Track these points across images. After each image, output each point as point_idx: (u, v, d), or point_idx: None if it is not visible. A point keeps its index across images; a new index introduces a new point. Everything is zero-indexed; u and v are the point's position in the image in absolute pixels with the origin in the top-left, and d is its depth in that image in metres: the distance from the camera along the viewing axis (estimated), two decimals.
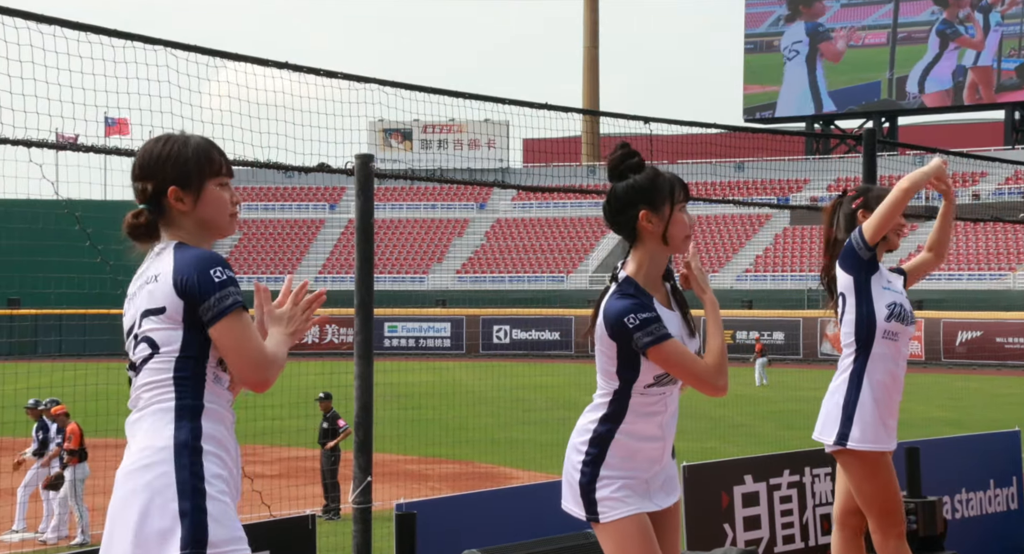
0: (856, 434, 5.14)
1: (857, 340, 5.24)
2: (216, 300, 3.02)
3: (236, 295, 3.06)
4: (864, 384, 5.18)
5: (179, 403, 3.04)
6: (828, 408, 5.28)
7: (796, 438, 19.94)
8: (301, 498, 14.17)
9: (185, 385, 3.05)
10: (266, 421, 17.30)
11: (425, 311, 51.99)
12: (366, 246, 5.76)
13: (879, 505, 5.19)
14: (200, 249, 3.12)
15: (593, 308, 4.02)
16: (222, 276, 3.04)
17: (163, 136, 3.25)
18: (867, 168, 8.12)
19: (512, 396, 27.44)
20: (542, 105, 7.58)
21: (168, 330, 3.05)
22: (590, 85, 73.06)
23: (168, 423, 3.02)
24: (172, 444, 2.99)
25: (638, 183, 3.92)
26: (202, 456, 3.01)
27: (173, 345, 3.05)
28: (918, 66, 62.92)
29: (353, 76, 6.38)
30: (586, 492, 3.95)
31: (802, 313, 47.80)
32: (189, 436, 3.01)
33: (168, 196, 3.18)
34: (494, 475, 17.18)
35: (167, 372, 3.05)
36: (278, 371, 3.11)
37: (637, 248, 3.98)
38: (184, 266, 3.06)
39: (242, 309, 3.05)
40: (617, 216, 3.96)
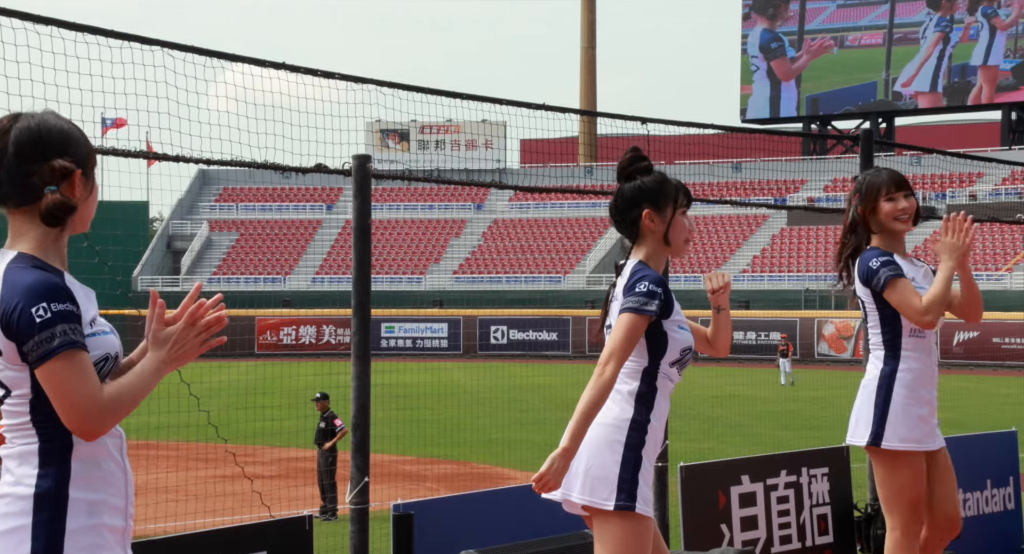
0: (890, 434, 5.10)
1: (884, 341, 5.18)
2: (35, 344, 2.65)
3: (62, 335, 2.65)
4: (896, 384, 5.13)
5: (43, 445, 2.73)
6: (860, 411, 5.22)
7: (793, 438, 19.95)
8: (298, 499, 14.16)
9: (47, 426, 2.73)
10: (263, 422, 17.31)
11: (422, 312, 51.98)
12: (363, 247, 5.76)
13: (901, 503, 5.14)
14: (31, 274, 2.71)
15: (604, 301, 4.17)
16: (45, 314, 2.65)
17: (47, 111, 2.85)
18: (864, 169, 8.12)
19: (509, 396, 27.44)
20: (539, 106, 7.58)
21: (12, 372, 2.73)
22: (587, 86, 73.07)
23: (33, 468, 2.72)
24: (33, 494, 2.70)
25: (645, 185, 4.19)
26: (67, 508, 2.71)
27: (23, 388, 2.73)
28: (914, 67, 62.95)
29: (350, 76, 6.38)
30: (626, 481, 3.97)
31: (799, 313, 47.81)
32: (54, 484, 2.71)
33: (75, 178, 2.80)
34: (491, 476, 17.18)
35: (24, 415, 2.74)
36: (115, 418, 2.72)
37: (639, 247, 4.20)
38: (9, 300, 2.68)
39: (70, 350, 2.65)
40: (622, 215, 4.21)
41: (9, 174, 2.78)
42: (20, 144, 2.77)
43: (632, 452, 4.00)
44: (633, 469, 3.98)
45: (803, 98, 65.43)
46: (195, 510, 12.43)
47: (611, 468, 3.99)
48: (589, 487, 4.01)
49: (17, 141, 2.77)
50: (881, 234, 5.23)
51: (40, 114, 2.83)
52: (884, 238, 5.22)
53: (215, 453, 15.81)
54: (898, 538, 5.20)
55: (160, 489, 13.26)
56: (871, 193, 5.21)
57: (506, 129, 58.08)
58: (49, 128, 2.80)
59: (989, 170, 54.92)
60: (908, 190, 5.23)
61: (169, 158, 5.80)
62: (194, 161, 5.94)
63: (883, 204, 5.19)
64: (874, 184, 5.22)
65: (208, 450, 15.73)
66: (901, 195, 5.19)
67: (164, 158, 5.80)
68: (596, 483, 4.00)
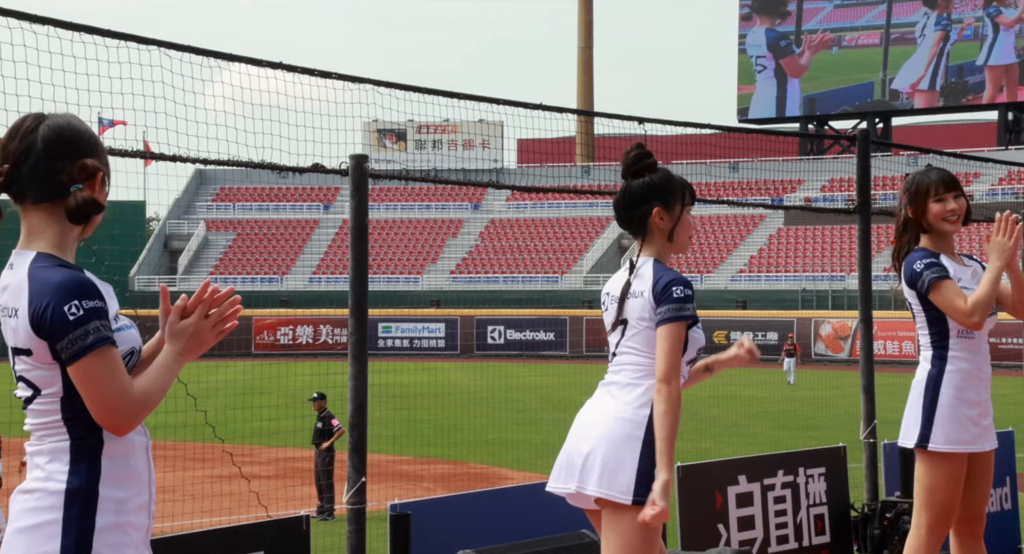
0: (937, 435, 5.07)
1: (932, 342, 5.15)
2: (69, 341, 2.69)
3: (95, 332, 2.69)
4: (943, 385, 5.09)
5: (75, 442, 2.77)
6: (910, 412, 5.19)
7: (790, 438, 19.96)
8: (295, 499, 14.15)
9: (77, 424, 2.77)
10: (260, 422, 17.30)
11: (419, 312, 51.97)
12: (360, 247, 5.76)
13: (933, 504, 5.11)
14: (58, 272, 2.74)
15: (620, 297, 4.17)
16: (78, 312, 2.68)
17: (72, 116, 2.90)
18: (861, 169, 8.13)
19: (506, 397, 27.43)
20: (536, 105, 7.58)
21: (43, 371, 2.76)
22: (584, 86, 73.07)
23: (64, 465, 2.76)
24: (64, 489, 2.74)
25: (654, 181, 4.21)
26: (96, 505, 2.75)
27: (54, 387, 2.77)
28: (911, 66, 62.98)
29: (347, 76, 6.38)
30: (644, 476, 4.01)
31: (796, 313, 47.83)
32: (85, 481, 2.75)
33: (95, 182, 2.84)
34: (488, 476, 17.18)
35: (55, 414, 2.77)
36: (145, 412, 2.77)
37: (648, 244, 4.24)
38: (39, 299, 2.71)
39: (104, 347, 2.70)
40: (630, 211, 4.24)
41: (35, 169, 2.80)
42: (50, 140, 2.81)
43: (650, 448, 4.03)
44: (650, 464, 4.01)
45: (801, 98, 65.48)
46: (192, 510, 12.42)
47: (629, 463, 4.02)
48: (607, 481, 4.03)
49: (48, 138, 2.82)
50: (931, 234, 5.18)
51: (68, 116, 2.89)
52: (933, 238, 5.18)
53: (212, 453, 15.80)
54: (922, 537, 5.17)
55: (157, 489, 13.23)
56: (920, 194, 5.17)
57: (503, 129, 58.06)
58: (79, 129, 2.86)
59: (986, 170, 54.96)
60: (958, 191, 5.20)
61: (166, 158, 5.80)
62: (191, 161, 5.94)
63: (932, 205, 5.16)
64: (923, 185, 5.18)
65: (205, 450, 15.71)
66: (951, 196, 5.16)
67: (161, 158, 5.80)
68: (614, 477, 4.02)
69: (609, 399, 4.15)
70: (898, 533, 7.15)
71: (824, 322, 47.01)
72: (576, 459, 4.11)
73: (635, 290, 4.17)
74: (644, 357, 4.15)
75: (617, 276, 4.32)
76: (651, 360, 4.12)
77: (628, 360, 4.17)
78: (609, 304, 4.27)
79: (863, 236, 8.03)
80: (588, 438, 4.10)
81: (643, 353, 4.16)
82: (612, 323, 4.24)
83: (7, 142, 2.84)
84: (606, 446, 4.04)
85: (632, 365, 4.16)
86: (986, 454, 5.27)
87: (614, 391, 4.15)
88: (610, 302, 4.27)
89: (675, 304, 4.06)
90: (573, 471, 4.11)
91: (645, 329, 4.14)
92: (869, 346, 7.88)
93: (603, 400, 4.18)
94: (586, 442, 4.09)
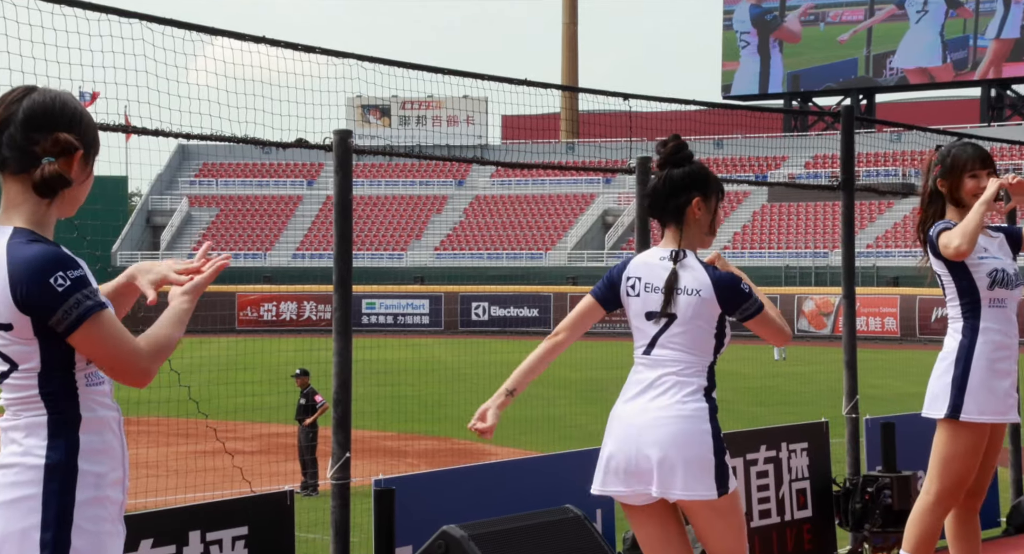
0: (970, 405, 5.04)
1: (963, 313, 5.11)
2: (64, 313, 2.70)
3: (86, 298, 2.71)
4: (975, 355, 5.06)
5: (52, 417, 2.78)
6: (937, 384, 5.16)
7: (771, 414, 20.03)
8: (279, 474, 14.16)
9: (55, 400, 2.78)
10: (244, 397, 17.29)
11: (403, 288, 51.92)
12: (344, 223, 5.74)
13: (948, 472, 5.10)
14: (34, 247, 2.74)
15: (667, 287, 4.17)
16: (65, 282, 2.70)
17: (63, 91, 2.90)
18: (845, 145, 8.14)
19: (490, 373, 27.42)
20: (521, 81, 7.55)
21: (21, 345, 2.76)
22: (569, 62, 72.89)
23: (42, 439, 2.76)
24: (44, 464, 2.74)
25: (695, 171, 4.26)
26: (76, 479, 2.76)
27: (31, 361, 2.77)
28: (895, 42, 62.97)
29: (331, 51, 6.34)
30: (723, 468, 4.15)
31: (780, 290, 47.95)
32: (64, 455, 2.76)
33: (75, 158, 2.84)
34: (472, 451, 17.22)
35: (32, 388, 2.78)
36: (162, 359, 2.84)
37: (687, 235, 4.27)
38: (19, 275, 2.71)
39: (98, 312, 2.72)
40: (670, 199, 4.24)
41: (12, 138, 2.81)
42: (32, 111, 2.82)
43: (718, 439, 4.18)
44: (723, 453, 4.17)
45: (785, 74, 65.46)
46: (175, 485, 12.42)
47: (707, 459, 4.12)
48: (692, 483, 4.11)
49: (30, 108, 2.83)
50: (960, 209, 5.14)
51: (59, 91, 2.90)
52: (962, 212, 5.13)
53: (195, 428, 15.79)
54: (929, 503, 5.16)
55: (140, 464, 13.24)
56: (956, 168, 5.14)
57: (488, 105, 57.92)
58: (64, 104, 2.85)
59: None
60: (992, 168, 5.17)
61: (148, 132, 5.76)
62: (173, 135, 5.90)
63: (967, 181, 5.13)
64: (960, 159, 5.14)
65: (188, 425, 15.69)
66: (985, 173, 5.14)
67: (143, 132, 5.76)
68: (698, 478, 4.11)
69: (661, 399, 4.17)
70: (879, 507, 7.20)
71: (807, 299, 47.16)
72: (645, 463, 4.13)
73: (687, 286, 4.17)
74: (692, 355, 4.20)
75: (650, 262, 4.27)
76: (699, 358, 4.19)
77: (674, 357, 4.20)
78: (645, 292, 4.23)
79: (847, 213, 8.05)
80: (656, 442, 4.12)
81: (691, 352, 4.20)
82: (651, 314, 4.22)
83: None
84: (680, 449, 4.11)
85: (678, 363, 4.20)
86: (1001, 428, 5.28)
87: (663, 390, 4.18)
88: (648, 291, 4.22)
89: (750, 295, 4.19)
90: (646, 476, 4.14)
91: (694, 328, 4.17)
92: (852, 322, 7.91)
93: (653, 399, 4.18)
94: (655, 447, 4.12)
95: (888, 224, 54.73)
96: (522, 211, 61.64)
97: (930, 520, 5.18)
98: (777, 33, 65.48)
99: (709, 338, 4.21)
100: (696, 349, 4.20)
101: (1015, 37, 60.47)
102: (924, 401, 5.25)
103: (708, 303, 4.16)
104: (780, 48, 65.57)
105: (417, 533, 5.50)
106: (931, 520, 5.18)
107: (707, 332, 4.20)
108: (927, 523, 5.18)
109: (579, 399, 22.85)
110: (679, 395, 4.16)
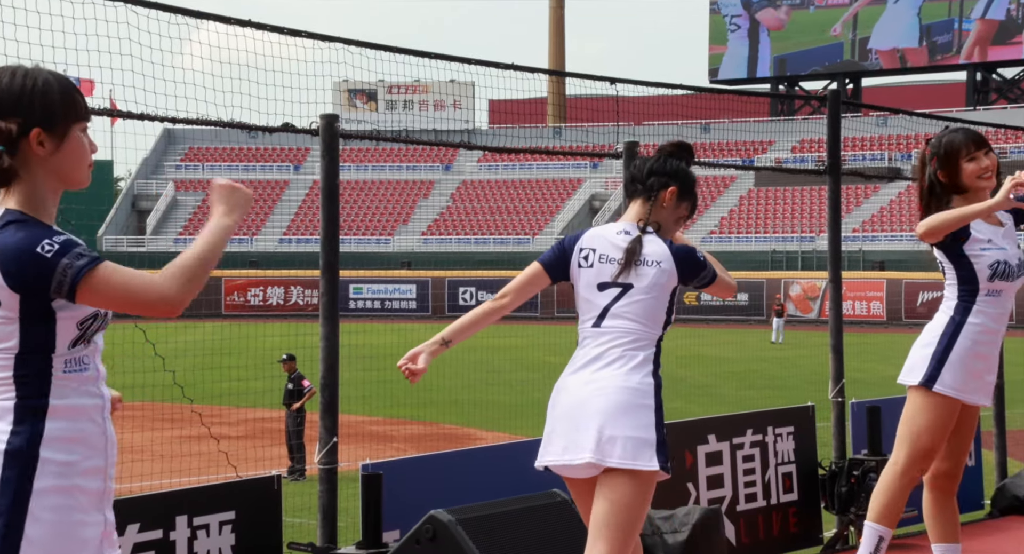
0: (946, 377, 5.07)
1: (959, 296, 5.13)
2: (60, 274, 2.66)
3: (78, 258, 2.67)
4: (961, 334, 5.09)
5: (20, 403, 2.74)
6: (918, 353, 5.19)
7: (758, 398, 20.10)
8: (266, 459, 14.16)
9: (27, 383, 2.75)
10: (230, 382, 17.27)
11: (390, 273, 51.89)
12: (331, 207, 5.73)
13: (915, 444, 5.13)
14: (20, 234, 2.71)
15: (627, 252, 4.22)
16: (52, 248, 2.66)
17: (14, 68, 2.82)
18: (831, 129, 8.14)
19: (476, 357, 27.47)
20: (508, 65, 7.53)
21: (2, 325, 2.73)
22: (556, 46, 72.76)
23: (7, 425, 2.73)
24: (3, 450, 2.71)
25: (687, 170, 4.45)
26: (36, 466, 2.71)
27: (10, 341, 2.74)
28: (882, 26, 62.99)
29: (317, 35, 6.32)
30: (664, 443, 4.16)
31: (766, 274, 48.06)
32: (25, 443, 2.72)
33: (30, 138, 2.77)
34: (458, 436, 17.24)
35: (6, 369, 2.75)
36: (191, 284, 2.76)
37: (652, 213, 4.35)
38: (8, 253, 2.68)
39: (97, 264, 2.68)
40: (651, 175, 4.36)
41: None
42: None
43: (660, 414, 4.16)
44: (663, 429, 4.16)
45: (772, 58, 65.46)
46: (161, 470, 12.40)
47: (647, 431, 4.10)
48: (631, 452, 4.08)
49: None
50: (965, 195, 5.12)
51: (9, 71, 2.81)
52: (969, 198, 5.11)
53: (181, 413, 15.76)
54: (896, 473, 5.19)
55: (125, 449, 13.19)
56: (952, 155, 5.11)
57: (475, 89, 57.80)
58: (5, 87, 2.78)
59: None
60: (988, 147, 5.16)
61: (133, 116, 5.73)
62: (159, 119, 5.87)
63: (965, 165, 5.10)
64: (954, 145, 5.12)
65: (174, 410, 15.68)
66: (982, 153, 5.12)
67: (128, 116, 5.73)
68: (638, 449, 4.09)
69: (606, 370, 4.15)
70: (865, 490, 7.23)
71: (793, 283, 47.27)
72: (585, 432, 4.10)
73: (648, 257, 4.20)
74: (642, 326, 4.18)
75: (606, 235, 4.29)
76: (650, 330, 4.18)
77: (625, 327, 4.17)
78: (599, 264, 4.23)
79: (833, 197, 8.05)
80: (597, 411, 4.10)
81: (642, 322, 4.18)
82: (604, 284, 4.22)
83: None
84: (621, 418, 4.08)
85: (629, 333, 4.17)
86: (975, 410, 5.31)
87: (609, 361, 4.16)
88: (603, 262, 4.23)
89: (706, 265, 4.31)
90: (584, 444, 4.10)
91: (651, 299, 4.19)
92: (838, 306, 7.93)
93: (598, 370, 4.16)
94: (596, 416, 4.09)
95: (874, 208, 54.85)
96: (509, 196, 61.60)
97: (895, 490, 5.22)
98: (764, 17, 65.43)
99: (662, 311, 4.22)
100: (648, 320, 4.19)
101: (1000, 19, 60.54)
102: (902, 369, 5.28)
103: (668, 273, 4.20)
104: (768, 32, 65.57)
105: (404, 518, 5.51)
106: (896, 490, 5.22)
107: (661, 304, 4.21)
108: (892, 493, 5.22)
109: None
110: (626, 367, 4.14)
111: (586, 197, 60.08)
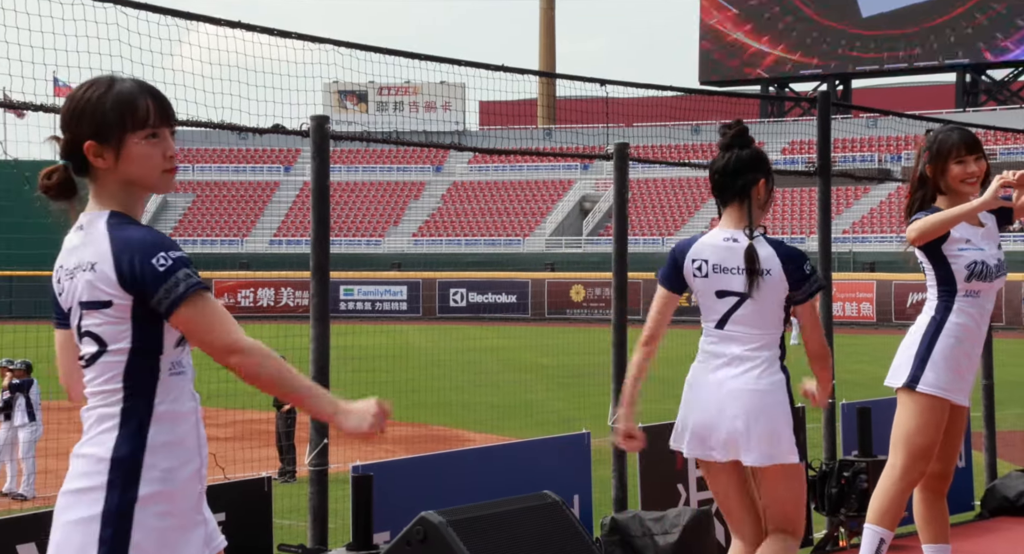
0: (929, 377, 5.09)
1: (939, 295, 5.14)
2: (165, 292, 2.72)
3: (186, 279, 2.74)
4: (943, 333, 5.11)
5: (127, 406, 2.80)
6: (902, 355, 5.22)
7: None
8: (255, 461, 14.15)
9: (136, 385, 2.81)
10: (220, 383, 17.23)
11: (381, 274, 51.84)
12: (322, 208, 5.73)
13: (910, 446, 5.13)
14: (137, 229, 2.79)
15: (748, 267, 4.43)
16: (167, 262, 2.73)
17: (90, 80, 2.91)
18: (821, 131, 8.15)
19: (466, 359, 27.47)
20: (498, 67, 7.55)
21: (115, 325, 2.79)
22: (546, 48, 72.79)
23: (112, 431, 2.79)
24: (110, 457, 2.77)
25: (760, 154, 4.54)
26: (140, 472, 2.77)
27: (122, 342, 2.79)
28: None
29: (307, 36, 6.31)
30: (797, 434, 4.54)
31: None
32: (131, 448, 2.78)
33: (86, 152, 2.84)
34: (448, 437, 17.24)
35: (117, 370, 2.80)
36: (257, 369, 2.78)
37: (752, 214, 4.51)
38: (123, 254, 2.75)
39: (199, 291, 2.74)
40: (737, 177, 4.48)
41: None
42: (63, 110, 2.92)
43: (793, 408, 4.48)
44: (796, 423, 4.50)
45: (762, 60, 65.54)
46: None
47: (784, 428, 4.47)
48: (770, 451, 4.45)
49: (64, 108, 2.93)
50: (948, 195, 5.11)
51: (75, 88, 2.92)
52: (951, 199, 5.10)
53: None
54: (893, 477, 5.19)
55: None
56: (942, 154, 5.11)
57: (465, 91, 57.80)
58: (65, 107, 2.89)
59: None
60: (979, 153, 5.15)
61: None
62: None
63: (952, 167, 5.10)
64: (946, 145, 5.12)
65: None
66: (972, 158, 5.11)
67: None
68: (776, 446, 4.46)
69: (734, 371, 4.47)
70: (855, 491, 7.24)
71: None
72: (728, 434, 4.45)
73: (764, 267, 4.43)
74: (763, 331, 4.47)
75: (715, 244, 4.51)
76: (770, 333, 4.47)
77: (746, 332, 4.48)
78: (714, 273, 4.49)
79: (823, 198, 8.07)
80: (736, 415, 4.44)
81: (762, 328, 4.48)
82: (722, 292, 4.48)
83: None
84: (760, 419, 4.43)
85: (751, 338, 4.47)
86: (964, 411, 5.31)
87: (736, 363, 4.48)
88: (718, 272, 4.49)
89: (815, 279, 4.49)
90: (731, 445, 4.45)
91: (768, 306, 4.45)
92: (828, 307, 7.94)
93: (726, 373, 4.49)
94: (737, 419, 4.43)
95: (864, 210, 54.95)
96: (500, 197, 61.59)
97: (894, 493, 5.22)
98: (755, 17, 65.54)
99: (778, 312, 4.48)
100: (766, 323, 4.47)
101: (990, 20, 60.71)
102: (888, 374, 5.31)
103: (778, 280, 4.43)
104: (758, 33, 65.65)
105: (395, 519, 5.51)
106: (895, 493, 5.22)
107: (777, 307, 4.47)
108: (892, 496, 5.22)
109: (555, 385, 22.89)
110: (756, 370, 4.45)
111: (576, 198, 60.09)
